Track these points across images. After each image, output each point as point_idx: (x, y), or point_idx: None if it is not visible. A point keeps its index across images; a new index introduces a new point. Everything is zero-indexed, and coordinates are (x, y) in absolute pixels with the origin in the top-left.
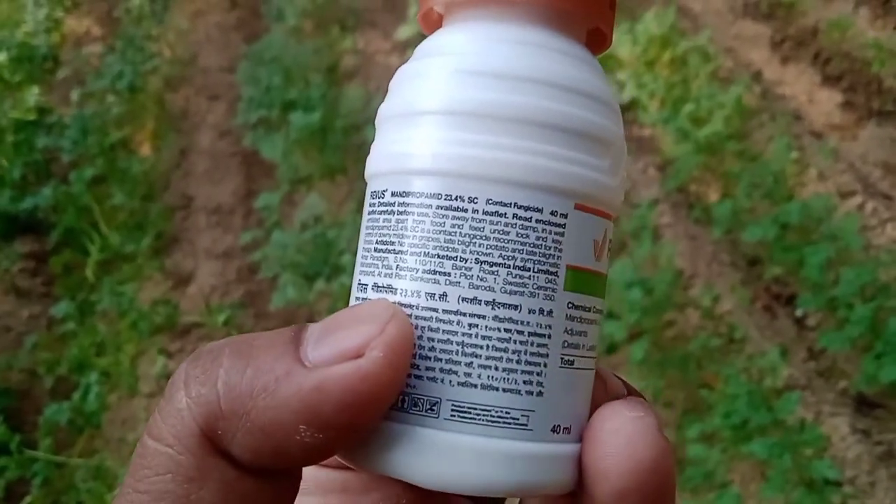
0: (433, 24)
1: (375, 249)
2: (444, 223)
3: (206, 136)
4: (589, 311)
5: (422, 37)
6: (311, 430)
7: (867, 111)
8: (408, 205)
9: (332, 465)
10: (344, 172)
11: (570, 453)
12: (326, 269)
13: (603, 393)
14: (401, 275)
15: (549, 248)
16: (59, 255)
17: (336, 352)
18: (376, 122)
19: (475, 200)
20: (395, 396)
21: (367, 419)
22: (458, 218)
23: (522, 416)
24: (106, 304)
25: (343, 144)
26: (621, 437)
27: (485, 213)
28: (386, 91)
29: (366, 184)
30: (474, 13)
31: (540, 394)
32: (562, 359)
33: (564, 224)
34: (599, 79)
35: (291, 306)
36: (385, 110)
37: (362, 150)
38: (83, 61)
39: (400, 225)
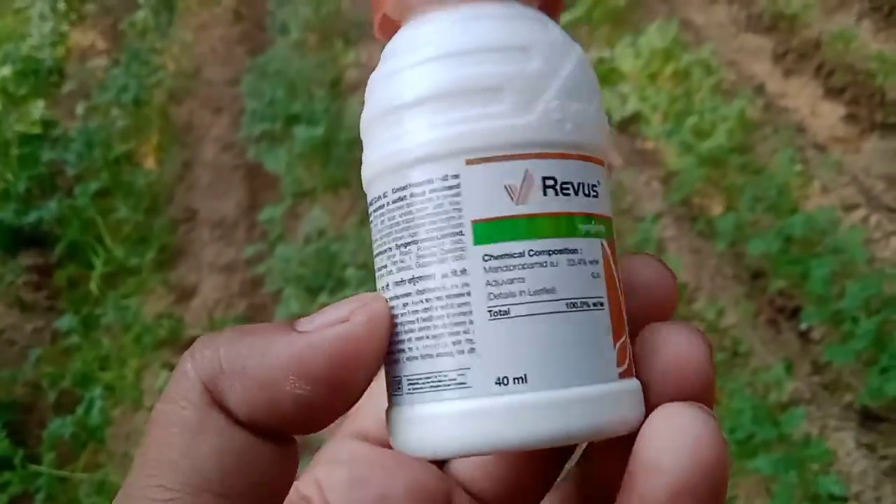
0: (391, 31)
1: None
2: (376, 222)
3: (209, 149)
4: (522, 255)
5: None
6: (301, 382)
7: (870, 123)
8: (369, 212)
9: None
10: (347, 186)
11: (528, 403)
12: (330, 282)
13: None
14: (376, 275)
15: (449, 211)
16: (63, 269)
17: (326, 321)
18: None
19: (386, 195)
20: (374, 361)
21: (350, 375)
22: (380, 215)
23: (459, 374)
24: (110, 318)
25: (346, 158)
26: (686, 435)
27: (392, 202)
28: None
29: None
30: (415, 11)
31: (472, 350)
32: (490, 311)
33: (458, 184)
34: (511, 28)
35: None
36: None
37: None
38: (88, 75)
39: (370, 232)
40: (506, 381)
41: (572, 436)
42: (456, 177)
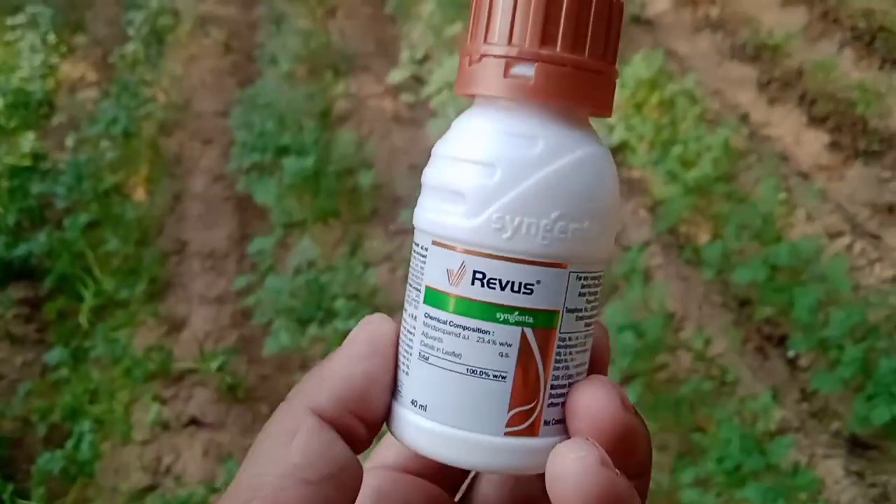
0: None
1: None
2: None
3: (199, 181)
4: (445, 323)
5: (414, 79)
6: (363, 354)
7: (853, 151)
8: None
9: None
10: (337, 216)
11: (420, 424)
12: (320, 313)
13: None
14: None
15: (420, 271)
16: (53, 302)
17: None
18: None
19: (413, 245)
20: (393, 337)
21: (384, 347)
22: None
23: (401, 387)
24: (100, 351)
25: (336, 188)
26: (569, 480)
27: (411, 251)
28: (380, 135)
29: None
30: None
31: (406, 373)
32: (419, 353)
33: (426, 255)
34: (495, 144)
35: (285, 352)
36: None
37: (355, 194)
38: (78, 107)
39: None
40: (415, 404)
41: (452, 462)
42: (426, 249)
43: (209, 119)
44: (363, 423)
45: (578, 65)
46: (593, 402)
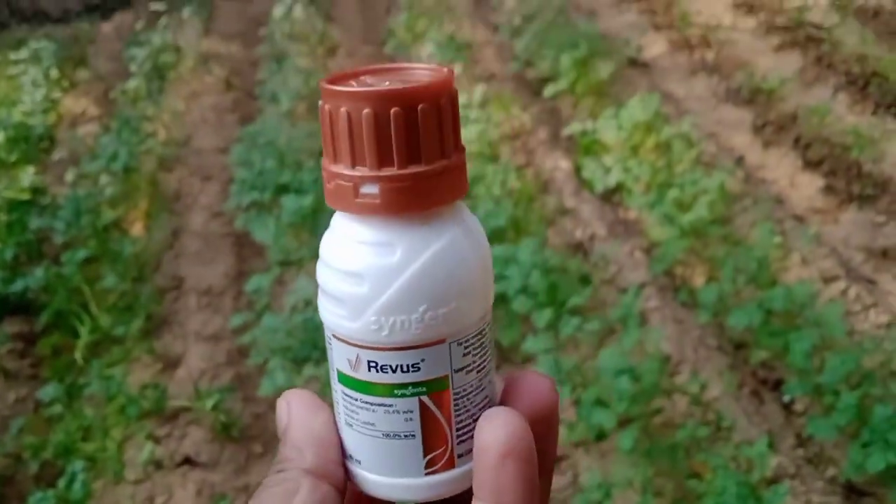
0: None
1: None
2: None
3: (198, 217)
4: (356, 400)
5: None
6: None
7: (848, 195)
8: None
9: None
10: None
11: (360, 474)
12: (316, 353)
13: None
14: None
15: (331, 356)
16: (48, 337)
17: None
18: None
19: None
20: (317, 400)
21: (315, 405)
22: None
23: (343, 443)
24: (94, 388)
25: None
26: (492, 426)
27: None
28: None
29: None
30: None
31: (341, 434)
32: (345, 420)
33: (332, 345)
34: (361, 255)
35: (280, 392)
36: None
37: None
38: (79, 142)
39: None
40: (353, 459)
41: (392, 499)
42: (331, 339)
43: (209, 156)
44: (340, 466)
45: (417, 176)
46: (533, 379)
